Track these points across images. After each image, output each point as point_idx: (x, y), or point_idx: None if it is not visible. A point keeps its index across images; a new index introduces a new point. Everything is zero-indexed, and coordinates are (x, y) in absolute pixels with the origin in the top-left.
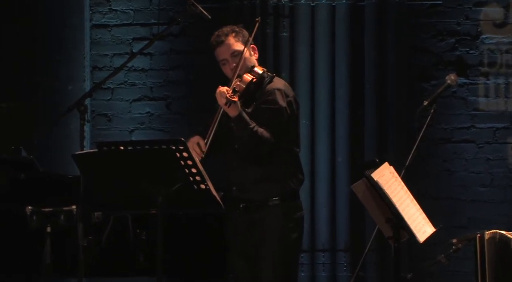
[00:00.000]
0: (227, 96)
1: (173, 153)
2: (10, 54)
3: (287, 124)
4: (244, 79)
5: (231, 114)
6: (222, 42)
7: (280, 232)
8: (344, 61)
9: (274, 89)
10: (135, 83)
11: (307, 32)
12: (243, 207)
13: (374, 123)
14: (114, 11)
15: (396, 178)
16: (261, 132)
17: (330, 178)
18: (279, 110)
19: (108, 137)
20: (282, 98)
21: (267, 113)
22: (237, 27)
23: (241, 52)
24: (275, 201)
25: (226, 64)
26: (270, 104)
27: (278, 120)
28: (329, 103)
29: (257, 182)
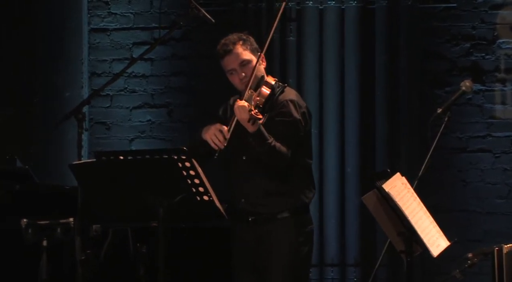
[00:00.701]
0: (252, 113)
1: (175, 163)
2: (3, 60)
3: (301, 136)
4: (263, 93)
5: (251, 130)
6: (230, 51)
7: (290, 246)
8: (353, 66)
9: (287, 100)
10: (135, 90)
11: (315, 36)
12: (251, 220)
13: (385, 132)
14: (113, 15)
15: (409, 189)
16: (279, 147)
17: (339, 189)
18: (294, 123)
19: (107, 147)
20: (295, 110)
21: (282, 126)
22: (244, 35)
23: (249, 61)
24: (285, 215)
25: (235, 74)
26: (284, 117)
27: (292, 133)
28: (338, 111)
29: (268, 195)
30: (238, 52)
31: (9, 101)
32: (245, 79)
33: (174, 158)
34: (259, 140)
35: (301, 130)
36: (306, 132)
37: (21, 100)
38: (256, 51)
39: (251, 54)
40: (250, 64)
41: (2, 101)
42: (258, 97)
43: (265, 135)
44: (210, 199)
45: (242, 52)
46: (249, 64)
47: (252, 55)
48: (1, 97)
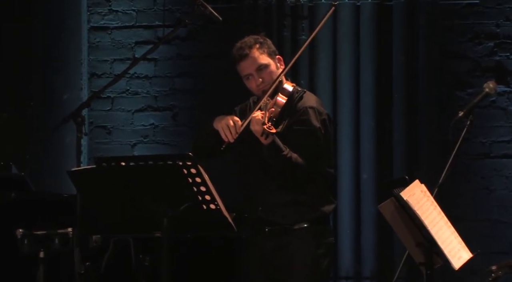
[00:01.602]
0: (265, 128)
1: (180, 169)
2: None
3: (322, 145)
4: (279, 103)
5: (265, 142)
6: (246, 56)
7: (310, 258)
8: (369, 67)
9: (306, 107)
10: (138, 92)
11: (329, 35)
12: (268, 230)
13: (403, 137)
14: (114, 12)
15: (428, 197)
16: (295, 159)
17: (354, 197)
18: (313, 132)
19: (108, 152)
20: (315, 118)
21: (300, 136)
22: (260, 37)
23: (267, 65)
24: (304, 225)
25: (251, 79)
26: (303, 125)
27: (312, 143)
28: (353, 115)
29: (286, 205)
30: (254, 57)
31: (4, 104)
32: (262, 84)
33: (179, 164)
34: (274, 151)
35: (320, 139)
36: (326, 141)
37: (17, 103)
38: (274, 54)
39: (269, 58)
40: (268, 68)
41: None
42: (273, 108)
43: (280, 147)
44: (217, 207)
45: (259, 56)
46: (267, 69)
47: (270, 59)
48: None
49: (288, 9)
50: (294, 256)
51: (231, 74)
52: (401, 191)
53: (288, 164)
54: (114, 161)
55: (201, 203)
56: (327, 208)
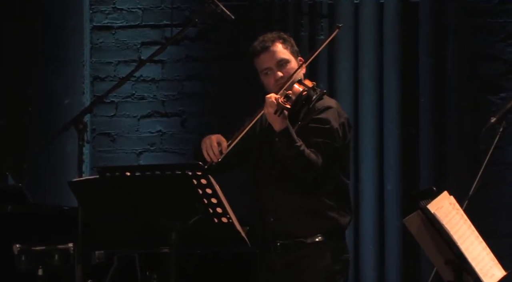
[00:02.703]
0: (279, 101)
1: (189, 180)
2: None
3: (338, 148)
4: (295, 89)
5: (277, 127)
6: (267, 49)
7: (325, 275)
8: (394, 70)
9: (326, 107)
10: (144, 97)
11: (350, 34)
12: (280, 244)
13: (431, 145)
14: (118, 11)
15: (458, 210)
16: (308, 154)
17: (377, 210)
18: (331, 131)
19: (112, 161)
20: (334, 118)
21: (316, 134)
22: (285, 34)
23: (288, 61)
24: (319, 239)
25: (270, 74)
26: (320, 124)
27: (328, 143)
28: (376, 121)
29: (299, 214)
30: (276, 50)
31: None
32: (281, 80)
33: (189, 174)
34: (286, 141)
35: (336, 141)
36: (343, 147)
37: (14, 109)
38: (297, 54)
39: (291, 55)
40: (289, 65)
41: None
42: (290, 91)
43: (293, 137)
44: (230, 221)
45: (281, 51)
46: (287, 65)
47: (292, 56)
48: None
49: (306, 7)
50: (308, 272)
51: (244, 77)
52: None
53: (301, 157)
54: (118, 171)
55: (212, 216)
56: (343, 220)
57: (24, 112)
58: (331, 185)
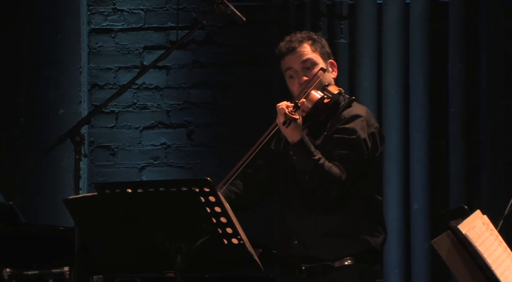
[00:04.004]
0: (286, 112)
1: (196, 197)
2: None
3: (367, 162)
4: (311, 97)
5: (290, 139)
6: (294, 49)
7: None
8: (420, 76)
9: (353, 115)
10: (147, 106)
11: (372, 38)
12: (305, 268)
13: (461, 159)
14: (119, 12)
15: (492, 231)
16: (329, 168)
17: (403, 231)
18: (357, 142)
19: (112, 177)
20: (362, 128)
21: (341, 145)
22: (315, 34)
23: (316, 64)
24: (348, 262)
25: (295, 78)
26: (345, 134)
27: (354, 155)
28: (401, 133)
29: (326, 236)
30: (303, 51)
31: None
32: (305, 84)
33: (196, 191)
34: (301, 154)
35: (364, 153)
36: (373, 159)
37: (4, 119)
38: (327, 56)
39: (320, 57)
40: (316, 67)
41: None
42: (304, 99)
43: (309, 149)
44: (241, 242)
45: (308, 52)
46: (314, 68)
47: (321, 58)
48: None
49: (324, 8)
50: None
51: (257, 84)
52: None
53: (320, 171)
54: (118, 188)
55: (221, 236)
56: (375, 240)
57: (15, 123)
58: (361, 202)
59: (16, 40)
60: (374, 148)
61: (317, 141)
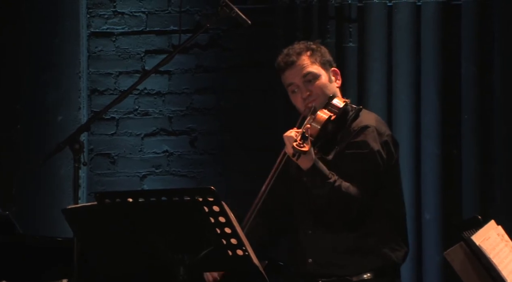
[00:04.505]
0: (294, 145)
1: (200, 207)
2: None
3: (383, 174)
4: (318, 118)
5: (303, 167)
6: (293, 64)
7: None
8: (432, 81)
9: (362, 127)
10: (148, 112)
11: (382, 41)
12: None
13: (475, 167)
14: (119, 15)
15: (507, 242)
16: (346, 188)
17: (415, 242)
18: (371, 156)
19: (112, 186)
20: (374, 139)
21: (354, 161)
22: (313, 44)
23: (317, 76)
24: (367, 276)
25: (297, 92)
26: (358, 148)
27: (368, 169)
28: (412, 140)
29: (344, 253)
30: (303, 65)
31: None
32: (309, 99)
33: (199, 200)
34: (315, 180)
35: (380, 166)
36: (390, 168)
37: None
38: (329, 65)
39: (321, 68)
40: (318, 80)
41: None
42: (310, 125)
43: (323, 173)
44: (246, 253)
45: (308, 65)
46: (316, 80)
47: (322, 69)
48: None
49: (332, 11)
50: None
51: (263, 89)
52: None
53: (337, 194)
54: (119, 197)
55: (225, 248)
56: (396, 255)
57: (12, 130)
58: (381, 215)
59: (13, 44)
60: (389, 157)
61: (329, 156)
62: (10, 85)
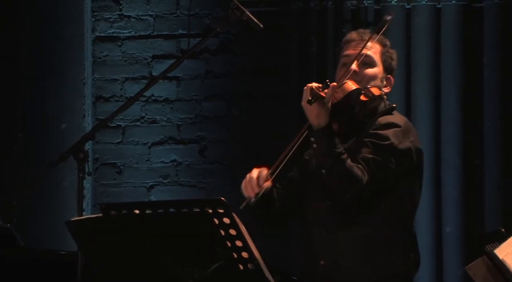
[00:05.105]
0: (313, 87)
1: (209, 219)
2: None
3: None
4: (345, 86)
5: (314, 122)
6: (363, 41)
7: None
8: (453, 87)
9: (389, 123)
10: (156, 120)
11: (400, 46)
12: None
13: (498, 178)
14: (126, 18)
15: None
16: (350, 166)
17: (435, 256)
18: (386, 149)
19: (118, 197)
20: (396, 137)
21: (368, 148)
22: (390, 46)
23: (374, 63)
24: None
25: (347, 65)
26: (376, 139)
27: (380, 161)
28: (432, 149)
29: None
30: (370, 46)
31: None
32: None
33: (209, 212)
34: (323, 143)
35: (392, 162)
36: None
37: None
38: (390, 69)
39: (381, 64)
40: (373, 68)
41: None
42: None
43: (333, 139)
44: (258, 268)
45: (375, 51)
46: (371, 67)
47: (382, 66)
48: None
49: (348, 14)
50: None
51: (275, 96)
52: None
53: (340, 167)
54: (125, 209)
55: (236, 261)
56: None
57: (12, 139)
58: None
59: (13, 48)
60: (408, 160)
61: (346, 145)
62: (10, 91)
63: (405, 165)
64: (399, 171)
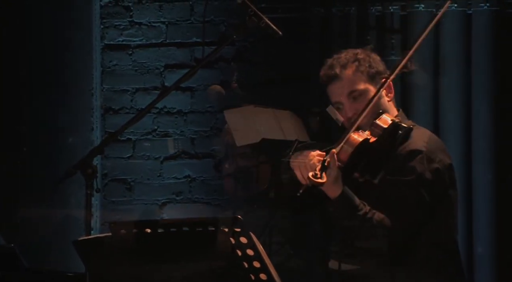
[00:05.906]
0: (309, 176)
1: (226, 238)
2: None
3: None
4: (351, 140)
5: (329, 195)
6: (336, 77)
7: None
8: (485, 99)
9: (410, 151)
10: (168, 133)
11: (428, 54)
12: None
13: None
14: (136, 25)
15: None
16: (379, 221)
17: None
18: (416, 184)
19: (128, 215)
20: (422, 165)
21: (395, 188)
22: (362, 53)
23: (364, 92)
24: None
25: (341, 110)
26: (402, 174)
27: (411, 200)
28: (463, 164)
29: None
30: (347, 79)
31: None
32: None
33: (225, 231)
34: (345, 209)
35: (424, 196)
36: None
37: (4, 149)
38: (378, 76)
39: (368, 82)
40: (364, 96)
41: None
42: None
43: (353, 203)
44: None
45: (353, 80)
46: (363, 97)
47: (369, 83)
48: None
49: (372, 20)
50: None
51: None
52: None
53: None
54: (136, 227)
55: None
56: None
57: (17, 153)
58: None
59: (19, 59)
60: (441, 186)
61: (375, 180)
62: (15, 103)
63: (437, 190)
64: (433, 199)
